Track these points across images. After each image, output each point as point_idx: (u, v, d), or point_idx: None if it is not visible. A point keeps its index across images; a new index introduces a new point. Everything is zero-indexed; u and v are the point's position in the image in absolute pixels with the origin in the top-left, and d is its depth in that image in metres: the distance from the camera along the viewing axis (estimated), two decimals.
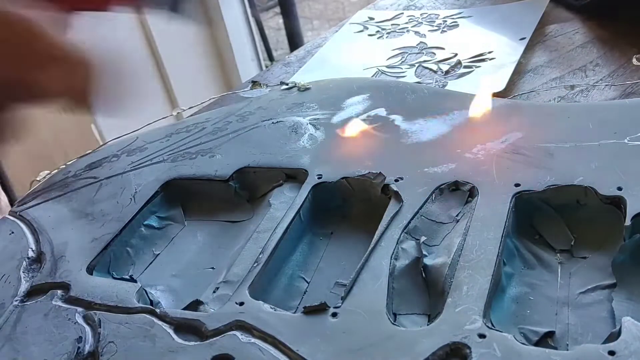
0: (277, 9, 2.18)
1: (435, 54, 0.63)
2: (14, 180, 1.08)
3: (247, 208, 0.44)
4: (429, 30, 0.68)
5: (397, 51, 0.65)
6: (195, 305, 0.35)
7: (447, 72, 0.59)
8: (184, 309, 0.35)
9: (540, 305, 0.33)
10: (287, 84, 0.54)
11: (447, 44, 0.64)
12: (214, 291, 0.36)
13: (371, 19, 0.74)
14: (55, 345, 0.34)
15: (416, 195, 0.39)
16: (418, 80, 0.59)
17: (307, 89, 0.53)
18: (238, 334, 0.32)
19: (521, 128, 0.42)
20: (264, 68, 1.60)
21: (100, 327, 0.34)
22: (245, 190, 0.44)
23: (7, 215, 0.45)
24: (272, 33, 2.33)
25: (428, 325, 0.31)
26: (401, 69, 0.62)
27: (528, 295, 0.34)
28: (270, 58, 1.93)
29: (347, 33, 0.72)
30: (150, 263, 0.41)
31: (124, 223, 0.42)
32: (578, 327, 0.31)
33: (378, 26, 0.72)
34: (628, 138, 0.39)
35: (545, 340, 0.31)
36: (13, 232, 0.43)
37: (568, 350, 0.30)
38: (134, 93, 0.35)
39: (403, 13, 0.74)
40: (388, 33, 0.70)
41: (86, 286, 0.37)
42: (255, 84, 0.56)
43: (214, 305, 0.35)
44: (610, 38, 0.60)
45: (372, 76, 0.61)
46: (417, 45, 0.66)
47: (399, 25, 0.71)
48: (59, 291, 0.37)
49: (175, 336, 0.33)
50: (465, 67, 0.59)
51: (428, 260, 0.35)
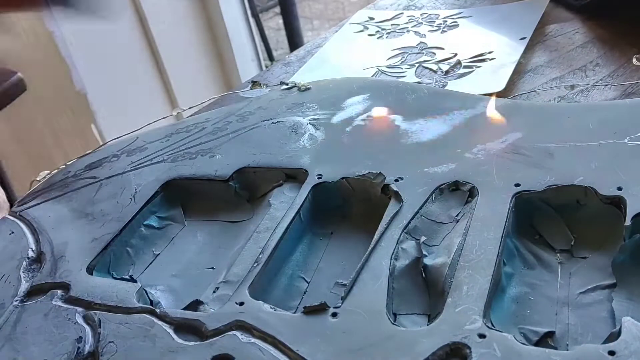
0: (277, 9, 2.19)
1: (435, 54, 0.63)
2: (14, 180, 1.08)
3: (247, 208, 0.44)
4: (429, 30, 0.68)
5: (397, 51, 0.65)
6: (195, 305, 0.35)
7: (447, 72, 0.59)
8: (184, 309, 0.35)
9: (540, 305, 0.33)
10: (287, 84, 0.54)
11: (447, 44, 0.64)
12: (214, 291, 0.36)
13: (371, 19, 0.74)
14: (55, 345, 0.34)
15: (416, 195, 0.39)
16: (418, 80, 0.59)
17: (307, 89, 0.53)
18: (238, 334, 0.32)
19: (521, 128, 0.42)
20: (264, 68, 1.60)
21: (100, 327, 0.34)
22: (245, 190, 0.44)
23: (7, 215, 0.45)
24: (272, 33, 2.33)
25: (428, 325, 0.31)
26: (401, 69, 0.62)
27: (528, 295, 0.34)
28: (270, 58, 1.93)
29: (347, 33, 0.72)
30: (150, 263, 0.41)
31: (124, 223, 0.42)
32: (578, 327, 0.31)
33: (378, 26, 0.72)
34: (628, 138, 0.39)
35: (545, 340, 0.31)
36: (13, 232, 0.43)
37: (568, 350, 0.30)
38: None
39: (403, 13, 0.74)
40: (388, 33, 0.70)
41: (86, 286, 0.37)
42: (255, 84, 0.56)
43: (214, 305, 0.35)
44: (610, 38, 0.60)
45: (372, 76, 0.61)
46: (417, 45, 0.66)
47: (399, 25, 0.71)
48: (59, 291, 0.37)
49: (175, 336, 0.33)
50: (465, 67, 0.59)
51: (428, 260, 0.35)
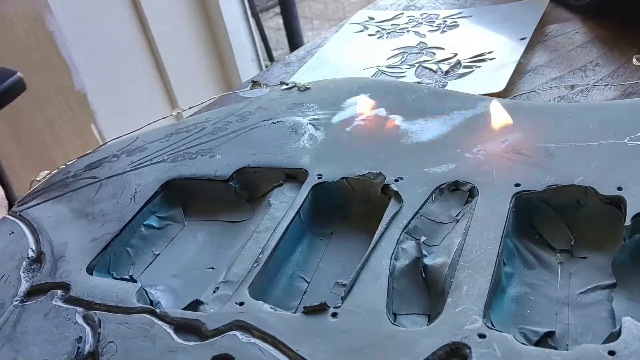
0: (277, 9, 2.19)
1: (435, 54, 0.63)
2: (14, 180, 1.08)
3: (247, 208, 0.44)
4: (429, 30, 0.68)
5: (397, 51, 0.65)
6: (195, 305, 0.35)
7: (447, 72, 0.59)
8: (184, 309, 0.35)
9: (540, 305, 0.33)
10: (287, 84, 0.54)
11: (447, 44, 0.64)
12: (214, 291, 0.36)
13: (371, 19, 0.74)
14: (55, 345, 0.34)
15: (416, 195, 0.39)
16: (418, 80, 0.59)
17: (307, 89, 0.53)
18: (238, 334, 0.32)
19: (521, 128, 0.42)
20: (264, 68, 1.60)
21: (100, 327, 0.34)
22: (245, 190, 0.44)
23: (7, 215, 0.45)
24: (272, 33, 2.33)
25: (428, 325, 0.31)
26: (401, 69, 0.62)
27: (528, 295, 0.34)
28: (270, 58, 1.93)
29: (347, 33, 0.72)
30: (150, 263, 0.41)
31: (124, 223, 0.42)
32: (578, 327, 0.31)
33: (378, 26, 0.72)
34: (628, 138, 0.39)
35: (545, 340, 0.31)
36: (13, 232, 0.43)
37: (568, 350, 0.30)
38: None
39: (403, 13, 0.74)
40: (388, 33, 0.70)
41: (86, 286, 0.37)
42: (255, 84, 0.56)
43: (214, 305, 0.35)
44: (610, 38, 0.60)
45: (372, 76, 0.61)
46: (417, 45, 0.66)
47: (399, 25, 0.71)
48: (59, 291, 0.37)
49: (175, 336, 0.33)
50: (465, 67, 0.59)
51: (428, 260, 0.35)
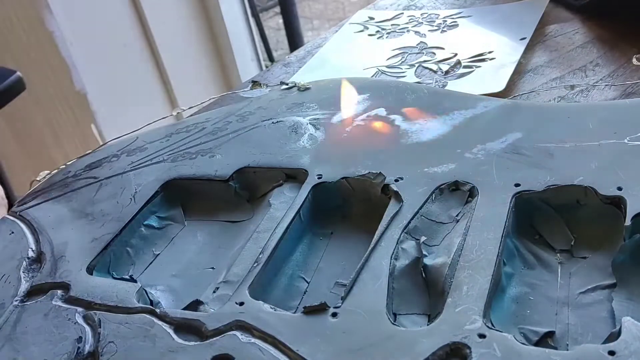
0: (277, 9, 2.18)
1: (435, 54, 0.63)
2: (14, 180, 1.08)
3: (247, 208, 0.44)
4: (429, 30, 0.68)
5: (397, 51, 0.65)
6: (195, 305, 0.35)
7: (447, 72, 0.59)
8: (184, 309, 0.35)
9: (540, 305, 0.33)
10: (287, 84, 0.54)
11: (447, 44, 0.64)
12: (214, 291, 0.36)
13: (371, 19, 0.74)
14: (55, 345, 0.34)
15: (416, 195, 0.39)
16: (418, 80, 0.59)
17: (307, 89, 0.53)
18: (238, 334, 0.32)
19: (521, 128, 0.42)
20: (264, 68, 1.60)
21: (100, 327, 0.34)
22: (245, 190, 0.44)
23: (7, 215, 0.45)
24: (272, 33, 2.33)
25: (428, 325, 0.31)
26: (401, 69, 0.62)
27: (528, 295, 0.34)
28: (270, 58, 1.93)
29: (347, 33, 0.72)
30: (150, 263, 0.41)
31: (124, 223, 0.42)
32: (578, 327, 0.31)
33: (378, 26, 0.72)
34: (628, 138, 0.39)
35: (545, 340, 0.31)
36: (13, 232, 0.43)
37: (568, 350, 0.30)
38: None
39: (403, 13, 0.74)
40: (388, 33, 0.70)
41: (86, 286, 0.37)
42: (255, 84, 0.56)
43: (214, 305, 0.35)
44: (610, 38, 0.60)
45: (372, 76, 0.61)
46: (417, 45, 0.66)
47: (399, 25, 0.71)
48: (59, 291, 0.37)
49: (175, 336, 0.33)
50: (465, 67, 0.59)
51: (428, 260, 0.35)
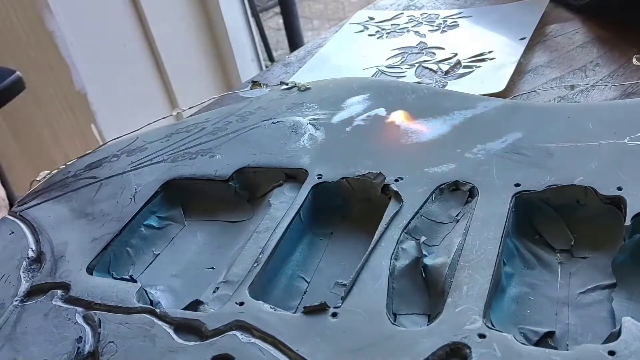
0: (277, 9, 2.18)
1: (435, 54, 0.63)
2: (14, 180, 1.08)
3: (247, 208, 0.44)
4: (429, 30, 0.68)
5: (397, 51, 0.65)
6: (195, 305, 0.35)
7: (447, 72, 0.59)
8: (184, 309, 0.35)
9: (540, 305, 0.33)
10: (287, 84, 0.54)
11: (447, 44, 0.64)
12: (214, 291, 0.36)
13: (371, 19, 0.74)
14: (55, 345, 0.34)
15: (416, 195, 0.39)
16: (418, 80, 0.59)
17: (307, 89, 0.53)
18: (238, 334, 0.32)
19: (521, 128, 0.42)
20: (264, 68, 1.60)
21: (100, 327, 0.34)
22: (245, 190, 0.44)
23: (7, 215, 0.45)
24: (272, 33, 2.33)
25: (428, 325, 0.31)
26: (401, 69, 0.62)
27: (528, 295, 0.34)
28: (270, 58, 1.93)
29: (347, 33, 0.72)
30: (150, 263, 0.41)
31: (124, 223, 0.42)
32: (578, 327, 0.31)
33: (378, 26, 0.72)
34: (628, 138, 0.39)
35: (545, 340, 0.31)
36: (13, 232, 0.43)
37: (568, 350, 0.30)
38: None
39: (403, 13, 0.74)
40: (388, 33, 0.70)
41: (86, 286, 0.37)
42: (255, 84, 0.56)
43: (214, 305, 0.35)
44: (610, 38, 0.60)
45: (372, 76, 0.61)
46: (417, 45, 0.66)
47: (399, 25, 0.71)
48: (59, 291, 0.37)
49: (175, 336, 0.33)
50: (465, 67, 0.59)
51: (428, 260, 0.35)
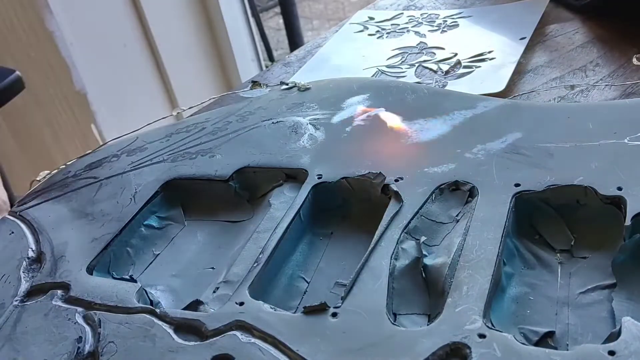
0: (277, 9, 2.19)
1: (435, 54, 0.63)
2: (14, 180, 1.08)
3: (247, 208, 0.44)
4: (429, 30, 0.68)
5: (397, 51, 0.65)
6: (195, 305, 0.35)
7: (447, 72, 0.59)
8: (184, 309, 0.35)
9: (540, 305, 0.33)
10: (287, 84, 0.54)
11: (447, 44, 0.64)
12: (214, 291, 0.36)
13: (371, 19, 0.74)
14: (55, 345, 0.34)
15: (416, 195, 0.39)
16: (418, 80, 0.59)
17: (307, 89, 0.53)
18: (238, 334, 0.32)
19: (521, 128, 0.42)
20: (264, 68, 1.60)
21: (100, 327, 0.34)
22: (245, 190, 0.44)
23: (7, 215, 0.45)
24: (272, 33, 2.33)
25: (428, 325, 0.31)
26: (401, 69, 0.62)
27: (528, 295, 0.34)
28: (270, 58, 1.93)
29: (347, 33, 0.72)
30: (150, 263, 0.41)
31: (124, 223, 0.42)
32: (578, 327, 0.31)
33: (378, 26, 0.72)
34: (628, 138, 0.39)
35: (545, 340, 0.31)
36: (13, 232, 0.43)
37: (568, 350, 0.30)
38: None
39: (403, 13, 0.74)
40: (388, 33, 0.70)
41: (86, 286, 0.37)
42: (255, 84, 0.56)
43: (214, 305, 0.35)
44: (610, 38, 0.60)
45: (372, 76, 0.61)
46: (417, 45, 0.66)
47: (399, 25, 0.71)
48: (59, 291, 0.37)
49: (175, 336, 0.33)
50: (465, 67, 0.59)
51: (428, 260, 0.35)
